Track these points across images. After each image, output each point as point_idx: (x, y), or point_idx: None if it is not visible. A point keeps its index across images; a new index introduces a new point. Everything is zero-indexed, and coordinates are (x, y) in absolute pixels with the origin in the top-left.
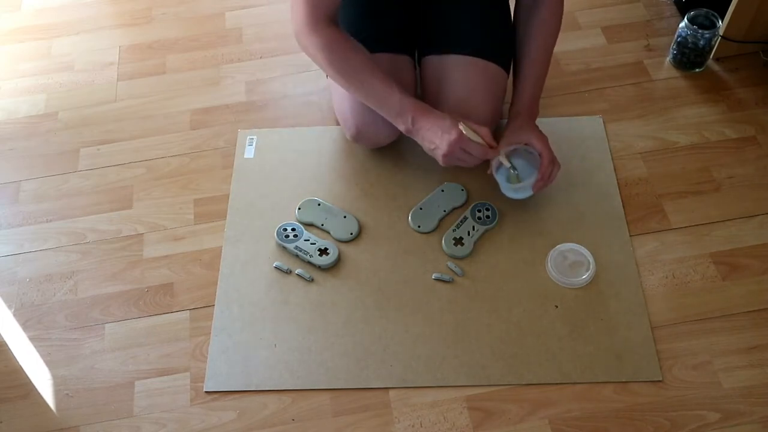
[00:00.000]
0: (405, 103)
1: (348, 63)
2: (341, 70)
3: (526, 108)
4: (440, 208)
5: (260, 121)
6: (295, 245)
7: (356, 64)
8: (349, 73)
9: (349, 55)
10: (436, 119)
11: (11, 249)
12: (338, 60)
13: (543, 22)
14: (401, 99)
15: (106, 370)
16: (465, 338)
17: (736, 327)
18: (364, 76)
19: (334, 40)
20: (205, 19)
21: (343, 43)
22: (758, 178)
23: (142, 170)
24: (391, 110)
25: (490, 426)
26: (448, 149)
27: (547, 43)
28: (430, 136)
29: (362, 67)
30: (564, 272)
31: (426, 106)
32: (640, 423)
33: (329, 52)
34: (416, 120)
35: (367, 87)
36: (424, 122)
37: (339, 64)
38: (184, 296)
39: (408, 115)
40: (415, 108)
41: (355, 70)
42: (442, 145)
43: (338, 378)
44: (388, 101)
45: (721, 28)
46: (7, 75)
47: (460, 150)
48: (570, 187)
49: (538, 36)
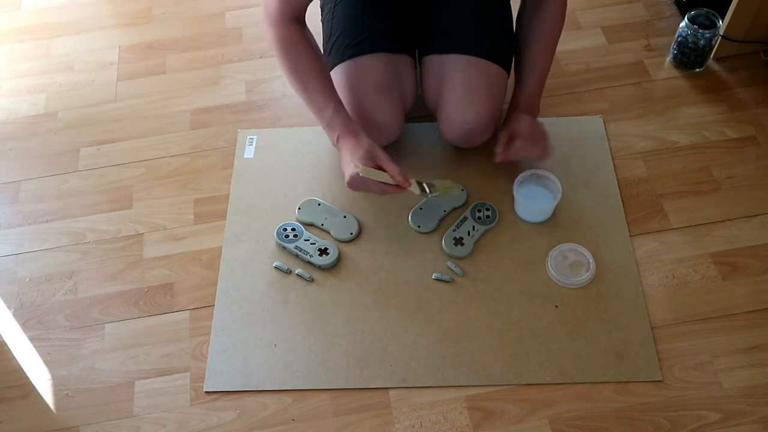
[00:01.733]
0: (336, 119)
1: (298, 64)
2: (289, 68)
3: (525, 104)
4: (440, 208)
5: (260, 121)
6: (295, 245)
7: (305, 67)
8: (296, 74)
9: (302, 57)
10: (353, 145)
11: (11, 249)
12: (289, 58)
13: (546, 23)
14: (334, 114)
15: (106, 370)
16: (465, 338)
17: (736, 327)
18: (309, 81)
19: (292, 39)
20: (205, 19)
21: (299, 44)
22: (758, 178)
23: (142, 170)
24: (323, 121)
25: (490, 426)
26: (350, 180)
27: (548, 45)
28: (345, 159)
29: (310, 72)
30: (564, 272)
31: (353, 128)
32: (640, 423)
33: (283, 49)
34: (341, 138)
35: (309, 92)
36: (345, 144)
37: (289, 63)
38: (184, 296)
39: (336, 131)
40: (342, 127)
41: (302, 73)
42: (347, 173)
43: (338, 378)
44: (322, 112)
45: (721, 28)
46: (7, 75)
47: (361, 183)
48: (570, 187)
49: (540, 37)
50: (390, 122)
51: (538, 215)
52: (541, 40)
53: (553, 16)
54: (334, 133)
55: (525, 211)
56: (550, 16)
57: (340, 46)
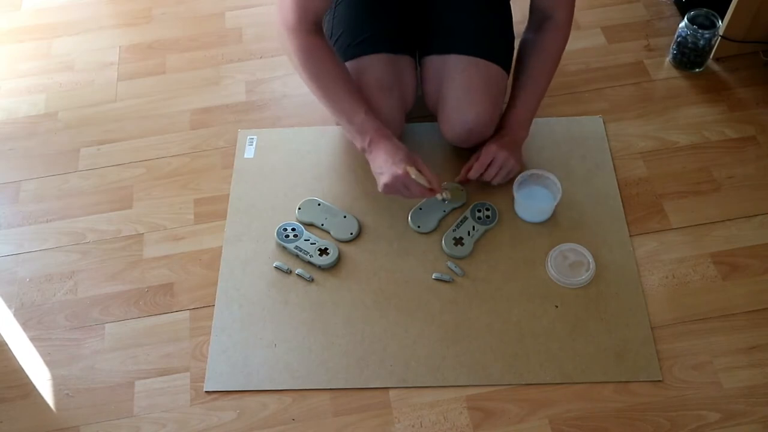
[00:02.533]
0: (368, 123)
1: (323, 72)
2: (315, 76)
3: (509, 125)
4: (440, 208)
5: (260, 121)
6: (295, 245)
7: (331, 74)
8: (323, 82)
9: (327, 65)
10: (391, 148)
11: (11, 249)
12: (314, 67)
13: (544, 44)
14: (365, 119)
15: (106, 370)
16: (465, 338)
17: (736, 327)
18: (337, 88)
19: (315, 46)
20: (205, 19)
21: (322, 52)
22: (758, 178)
23: (142, 170)
24: (353, 126)
25: (490, 426)
26: (391, 180)
27: (543, 66)
28: (380, 162)
29: (336, 79)
30: (564, 272)
31: (387, 133)
32: (640, 423)
33: (307, 58)
34: (373, 143)
35: (337, 99)
36: (380, 147)
37: (314, 71)
38: (184, 296)
39: (368, 136)
40: (376, 131)
41: (329, 80)
42: (387, 174)
43: (338, 378)
44: (353, 117)
45: (721, 28)
46: (7, 75)
47: (401, 184)
48: (570, 187)
49: (535, 58)
50: (391, 122)
51: (538, 215)
52: (536, 61)
53: (553, 40)
54: (367, 137)
55: (525, 211)
56: (549, 38)
57: (341, 46)
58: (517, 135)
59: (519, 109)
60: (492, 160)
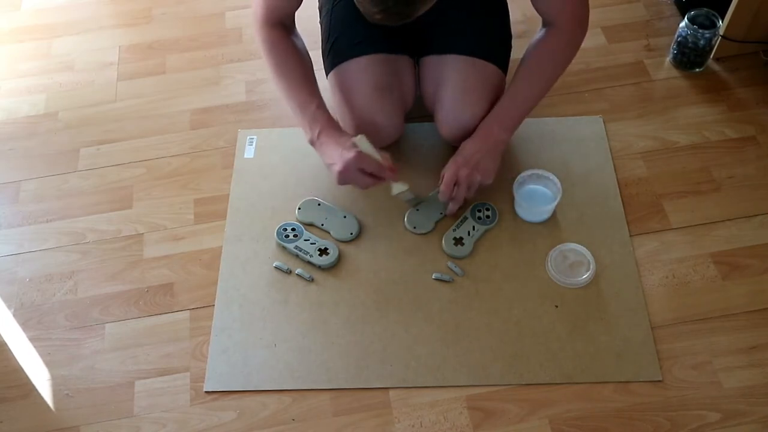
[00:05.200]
0: (318, 115)
1: (282, 62)
2: (275, 66)
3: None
4: (437, 210)
5: (260, 121)
6: (295, 245)
7: (289, 65)
8: (281, 71)
9: (287, 57)
10: (339, 137)
11: (11, 249)
12: (275, 57)
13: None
14: (316, 111)
15: (106, 370)
16: (465, 338)
17: (736, 327)
18: (293, 79)
19: (278, 38)
20: (205, 19)
21: (285, 44)
22: (758, 178)
23: (142, 170)
24: (304, 117)
25: (490, 426)
26: (344, 167)
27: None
28: (330, 152)
29: (294, 70)
30: (564, 272)
31: (336, 125)
32: (640, 423)
33: (269, 48)
34: (321, 134)
35: (292, 89)
36: (328, 138)
37: (274, 62)
38: (184, 296)
39: (317, 127)
40: (325, 123)
41: (287, 70)
42: (339, 162)
43: (338, 378)
44: (305, 108)
45: (721, 28)
46: (7, 75)
47: (355, 170)
48: (570, 187)
49: (531, 61)
50: (390, 123)
51: (538, 215)
52: (531, 63)
53: (551, 45)
54: (316, 128)
55: (525, 211)
56: (547, 43)
57: (339, 47)
58: (493, 135)
59: (502, 109)
60: (456, 181)
